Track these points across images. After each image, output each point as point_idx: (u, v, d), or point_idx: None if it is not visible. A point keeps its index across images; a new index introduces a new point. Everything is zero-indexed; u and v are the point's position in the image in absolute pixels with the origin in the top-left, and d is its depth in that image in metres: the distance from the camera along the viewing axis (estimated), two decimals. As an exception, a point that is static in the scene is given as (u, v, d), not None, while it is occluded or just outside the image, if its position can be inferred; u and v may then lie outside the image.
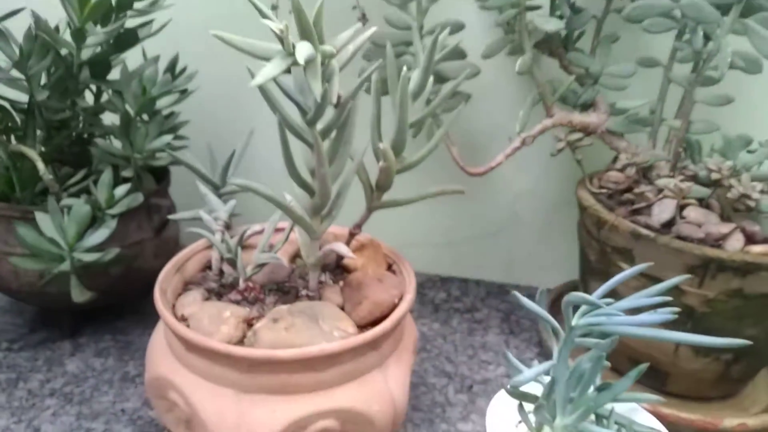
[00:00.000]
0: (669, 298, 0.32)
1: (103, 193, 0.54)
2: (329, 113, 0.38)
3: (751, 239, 0.50)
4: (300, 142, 0.39)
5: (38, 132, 0.57)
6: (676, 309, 0.31)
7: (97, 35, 0.55)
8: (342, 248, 0.39)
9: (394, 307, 0.43)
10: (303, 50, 0.30)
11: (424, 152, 0.46)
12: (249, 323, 0.41)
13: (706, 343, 0.30)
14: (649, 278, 0.53)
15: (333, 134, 0.38)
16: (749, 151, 0.54)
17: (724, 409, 0.57)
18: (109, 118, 0.62)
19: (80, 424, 0.51)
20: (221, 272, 0.48)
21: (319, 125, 0.38)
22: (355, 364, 0.40)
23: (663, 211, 0.53)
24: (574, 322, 0.32)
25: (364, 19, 0.59)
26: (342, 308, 0.44)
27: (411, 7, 0.60)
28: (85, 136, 0.62)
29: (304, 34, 0.33)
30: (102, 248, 0.52)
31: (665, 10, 0.55)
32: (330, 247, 0.40)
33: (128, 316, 0.67)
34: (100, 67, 0.58)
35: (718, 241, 0.50)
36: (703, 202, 0.54)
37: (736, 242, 0.50)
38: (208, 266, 0.49)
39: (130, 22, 0.57)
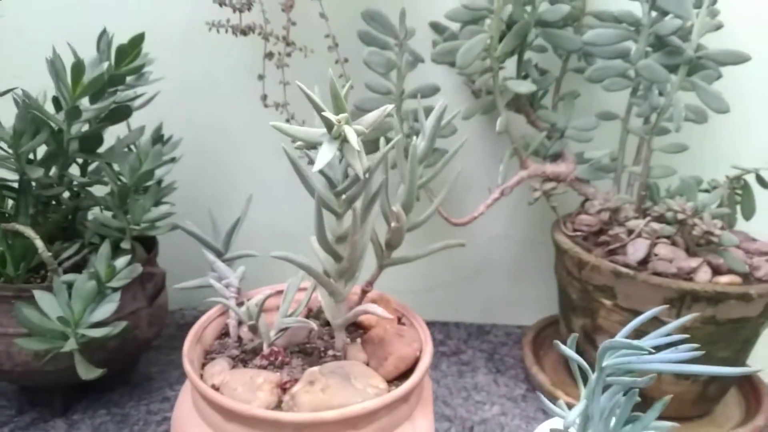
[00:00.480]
0: (687, 336, 0.36)
1: (102, 267, 0.54)
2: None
3: (717, 271, 0.57)
4: (327, 211, 0.41)
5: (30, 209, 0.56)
6: (696, 345, 0.35)
7: (89, 111, 0.56)
8: (377, 309, 0.41)
9: (417, 360, 0.45)
10: (352, 135, 0.33)
11: (430, 212, 0.49)
12: (282, 388, 0.43)
13: (726, 373, 0.34)
14: (629, 311, 0.58)
15: (360, 203, 0.41)
16: (705, 191, 0.61)
17: (702, 427, 0.62)
18: (98, 190, 0.62)
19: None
20: (239, 339, 0.49)
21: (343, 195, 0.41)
22: (389, 419, 0.42)
23: (637, 250, 0.59)
24: (604, 363, 0.36)
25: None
26: (367, 364, 0.46)
27: (391, 74, 0.64)
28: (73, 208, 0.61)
29: (339, 113, 0.36)
30: (106, 323, 0.52)
31: (622, 71, 0.61)
32: (364, 308, 0.43)
33: (119, 387, 0.65)
34: (91, 141, 0.58)
35: (689, 275, 0.56)
36: (669, 240, 0.60)
37: (704, 274, 0.56)
38: (223, 333, 0.50)
39: (120, 96, 0.58)
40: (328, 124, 0.34)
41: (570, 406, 0.38)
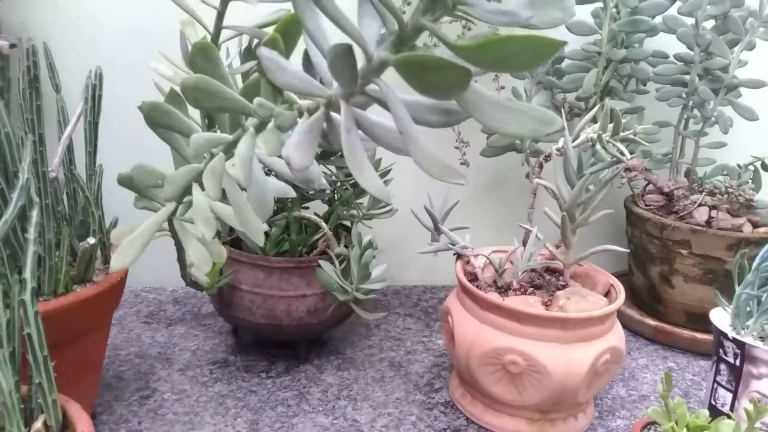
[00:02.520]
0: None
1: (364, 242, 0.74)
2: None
3: (755, 225, 0.85)
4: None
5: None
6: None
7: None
8: (612, 246, 0.65)
9: (610, 285, 0.70)
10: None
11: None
12: (545, 304, 0.65)
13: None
14: (701, 256, 0.86)
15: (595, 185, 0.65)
16: (744, 169, 0.90)
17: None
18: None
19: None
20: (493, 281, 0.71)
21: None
22: (611, 320, 0.65)
23: (701, 215, 0.86)
24: (756, 263, 0.61)
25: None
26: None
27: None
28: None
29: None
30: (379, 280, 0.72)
31: (679, 93, 0.89)
32: (603, 247, 0.66)
33: (336, 339, 0.84)
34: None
35: (739, 228, 0.85)
36: (715, 206, 0.89)
37: (747, 227, 0.85)
38: (471, 279, 0.71)
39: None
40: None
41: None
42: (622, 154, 0.58)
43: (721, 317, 0.66)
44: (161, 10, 0.82)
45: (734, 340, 0.62)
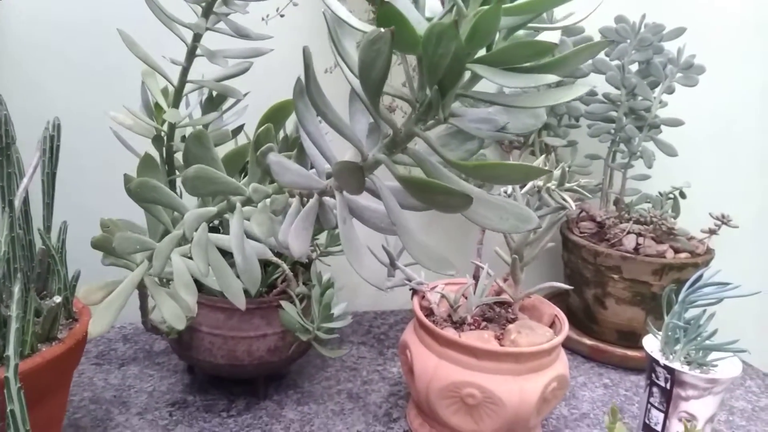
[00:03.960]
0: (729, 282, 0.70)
1: (322, 282, 0.76)
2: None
3: (677, 251, 0.94)
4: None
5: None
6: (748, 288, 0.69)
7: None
8: (559, 284, 0.70)
9: (554, 317, 0.75)
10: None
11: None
12: (497, 338, 0.70)
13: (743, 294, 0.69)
14: (630, 281, 0.93)
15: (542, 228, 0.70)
16: (665, 197, 0.98)
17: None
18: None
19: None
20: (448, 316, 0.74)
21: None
22: (557, 351, 0.71)
23: (630, 242, 0.94)
24: (682, 296, 0.68)
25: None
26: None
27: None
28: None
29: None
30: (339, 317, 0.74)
31: (607, 130, 0.97)
32: (550, 284, 0.71)
33: (294, 372, 0.86)
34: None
35: (662, 254, 0.93)
36: (641, 233, 0.97)
37: (670, 253, 0.93)
38: (427, 314, 0.75)
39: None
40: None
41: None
42: (566, 201, 0.64)
43: (652, 344, 0.72)
44: (124, 59, 0.81)
45: (665, 366, 0.69)
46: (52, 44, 0.85)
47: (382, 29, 0.24)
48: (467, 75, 0.28)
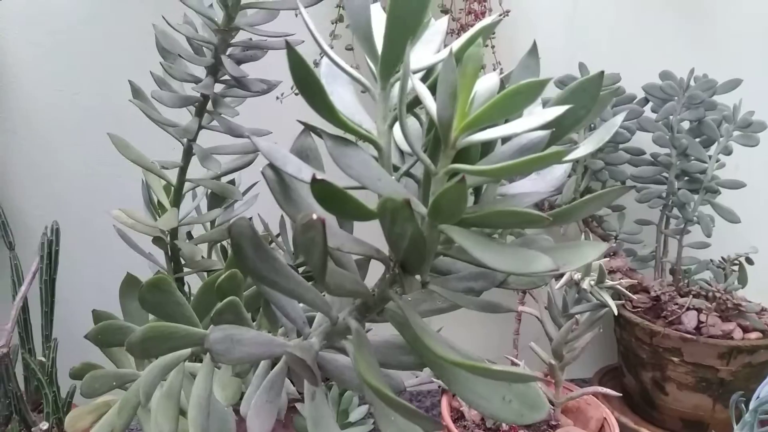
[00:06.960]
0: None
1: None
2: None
3: (745, 330, 0.83)
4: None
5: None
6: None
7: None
8: (603, 389, 0.62)
9: (603, 420, 0.66)
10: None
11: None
12: (536, 450, 0.62)
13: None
14: (693, 364, 0.83)
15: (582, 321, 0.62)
16: (729, 265, 0.88)
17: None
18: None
19: None
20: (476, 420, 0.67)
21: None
22: (607, 462, 0.62)
23: (690, 320, 0.84)
24: (754, 405, 0.59)
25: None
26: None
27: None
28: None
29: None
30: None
31: (659, 194, 0.88)
32: (593, 389, 0.63)
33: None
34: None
35: (728, 335, 0.82)
36: (703, 309, 0.86)
37: (738, 333, 0.82)
38: (457, 418, 0.67)
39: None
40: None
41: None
42: (607, 301, 0.56)
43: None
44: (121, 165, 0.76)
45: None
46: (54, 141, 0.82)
47: (313, 216, 0.19)
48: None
